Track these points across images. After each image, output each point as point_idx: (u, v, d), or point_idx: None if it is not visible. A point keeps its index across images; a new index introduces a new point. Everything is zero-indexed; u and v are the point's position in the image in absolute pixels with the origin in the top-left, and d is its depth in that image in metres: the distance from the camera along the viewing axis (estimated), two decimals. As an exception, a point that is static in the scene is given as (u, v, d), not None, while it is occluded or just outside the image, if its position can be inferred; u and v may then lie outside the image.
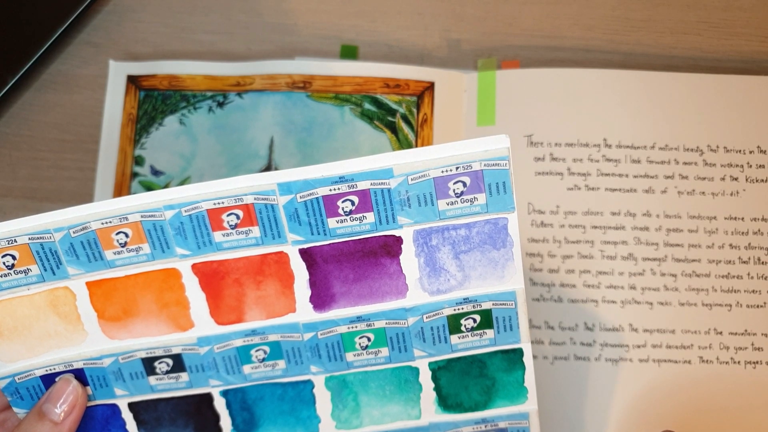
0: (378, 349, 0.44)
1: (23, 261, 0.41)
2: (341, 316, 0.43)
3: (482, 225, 0.41)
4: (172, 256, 0.42)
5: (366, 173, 0.39)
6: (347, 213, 0.40)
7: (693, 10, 0.60)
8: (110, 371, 0.44)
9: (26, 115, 0.59)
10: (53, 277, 0.42)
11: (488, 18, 0.60)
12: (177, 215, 0.41)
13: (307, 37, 0.60)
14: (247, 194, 0.40)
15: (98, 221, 0.40)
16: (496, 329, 0.43)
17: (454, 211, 0.41)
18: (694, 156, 0.56)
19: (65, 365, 0.43)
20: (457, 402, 0.45)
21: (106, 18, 0.61)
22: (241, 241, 0.41)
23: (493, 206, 0.40)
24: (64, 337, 0.43)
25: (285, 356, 0.44)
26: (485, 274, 0.42)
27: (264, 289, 0.42)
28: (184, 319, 0.43)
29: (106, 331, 0.43)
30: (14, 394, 0.44)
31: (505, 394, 0.45)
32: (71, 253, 0.41)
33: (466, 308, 0.43)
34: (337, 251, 0.42)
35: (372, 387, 0.45)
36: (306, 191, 0.40)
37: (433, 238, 0.41)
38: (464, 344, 0.44)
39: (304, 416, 0.45)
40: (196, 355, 0.44)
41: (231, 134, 0.57)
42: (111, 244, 0.41)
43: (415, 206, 0.40)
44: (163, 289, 0.42)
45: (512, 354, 0.44)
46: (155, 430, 0.45)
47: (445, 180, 0.40)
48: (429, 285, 0.42)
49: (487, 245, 0.41)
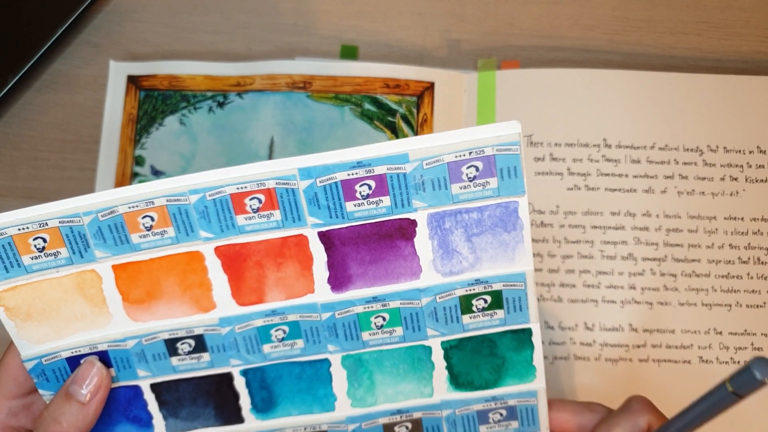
0: (393, 328, 0.45)
1: (53, 244, 0.42)
2: (358, 296, 0.44)
3: (494, 208, 0.42)
4: (195, 239, 0.43)
5: (383, 158, 0.41)
6: (364, 197, 0.42)
7: (693, 10, 0.60)
8: (133, 353, 0.45)
9: (26, 115, 0.59)
10: (81, 260, 0.43)
11: (488, 18, 0.60)
12: (201, 199, 0.42)
13: (307, 37, 0.60)
14: (269, 179, 0.41)
15: (125, 205, 0.41)
16: (506, 309, 0.44)
17: (467, 194, 0.42)
18: (694, 156, 0.56)
19: (90, 347, 0.44)
20: (468, 380, 0.46)
21: (106, 18, 0.61)
22: (262, 224, 0.42)
23: (505, 190, 0.41)
24: (89, 320, 0.44)
25: (303, 336, 0.45)
26: (496, 256, 0.43)
27: (284, 270, 0.43)
28: (206, 301, 0.44)
29: (130, 314, 0.44)
30: (41, 375, 0.44)
31: (514, 372, 0.46)
32: (99, 237, 0.42)
33: (478, 289, 0.44)
34: (355, 234, 0.43)
35: (386, 365, 0.46)
36: (325, 176, 0.41)
37: (446, 221, 0.42)
38: (475, 324, 0.45)
39: (321, 394, 0.46)
40: (217, 336, 0.45)
41: (231, 134, 0.57)
42: (137, 228, 0.42)
43: (429, 190, 0.41)
44: (186, 271, 0.43)
45: (521, 334, 0.45)
46: (176, 409, 0.46)
47: (459, 165, 0.41)
48: (442, 266, 0.43)
49: (499, 228, 0.42)
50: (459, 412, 0.46)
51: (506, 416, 0.46)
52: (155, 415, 0.46)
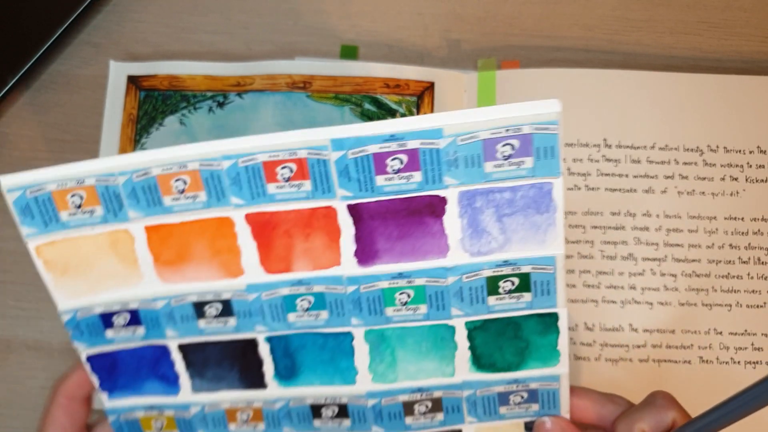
0: (417, 305, 0.45)
1: (89, 201, 0.42)
2: (383, 271, 0.44)
3: (527, 189, 0.41)
4: (226, 205, 0.43)
5: (416, 132, 0.40)
6: (395, 171, 0.41)
7: (693, 10, 0.60)
8: (163, 313, 0.45)
9: (26, 115, 0.59)
10: (115, 219, 0.43)
11: (488, 18, 0.60)
12: (234, 165, 0.42)
13: (307, 37, 0.60)
14: (302, 148, 0.41)
15: (159, 167, 0.42)
16: (533, 293, 0.44)
17: (501, 173, 0.41)
18: (694, 156, 0.56)
19: (122, 305, 0.45)
20: (491, 362, 0.46)
21: (106, 18, 0.61)
22: (293, 193, 0.42)
23: (540, 170, 0.41)
24: (122, 278, 0.44)
25: (328, 307, 0.45)
26: (527, 237, 0.42)
27: (312, 241, 0.43)
28: (234, 267, 0.44)
29: (161, 275, 0.44)
30: (76, 328, 0.45)
31: (538, 356, 0.45)
32: (133, 197, 0.42)
33: (506, 271, 0.43)
34: (384, 208, 0.42)
35: (409, 343, 0.46)
36: (357, 148, 0.41)
37: (477, 200, 0.42)
38: (501, 306, 0.44)
39: (343, 367, 0.46)
40: (244, 302, 0.45)
41: (231, 134, 0.57)
42: (170, 191, 0.42)
43: (462, 167, 0.41)
44: (216, 236, 0.43)
45: (548, 318, 0.44)
46: (202, 370, 0.47)
47: (494, 142, 0.40)
48: (470, 246, 0.43)
49: (531, 209, 0.42)
50: (480, 393, 0.46)
51: (527, 399, 0.46)
52: (182, 374, 0.47)
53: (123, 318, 0.46)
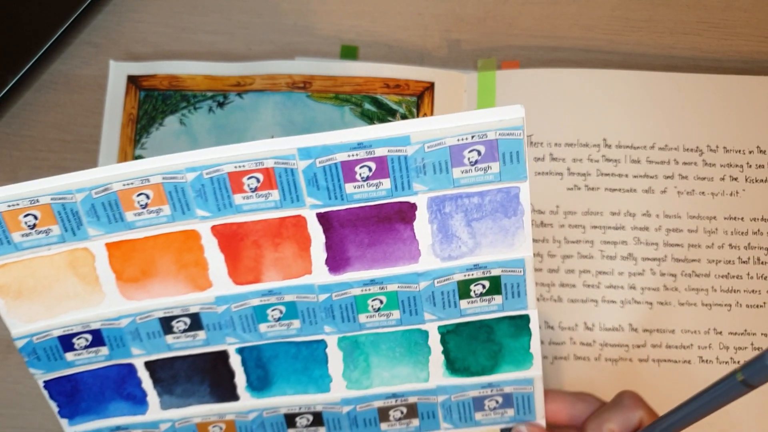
0: (390, 311, 0.45)
1: (45, 221, 0.41)
2: (355, 278, 0.44)
3: (495, 193, 0.42)
4: (192, 218, 0.42)
5: (384, 140, 0.40)
6: (364, 179, 0.41)
7: (693, 10, 0.60)
8: (127, 331, 0.45)
9: (26, 115, 0.59)
10: (73, 237, 0.42)
11: (488, 18, 0.60)
12: (198, 177, 0.41)
13: (307, 37, 0.60)
14: (268, 158, 0.41)
15: (120, 182, 0.41)
16: (504, 295, 0.44)
17: (468, 179, 0.41)
18: (694, 156, 0.56)
19: (83, 326, 0.44)
20: (465, 366, 0.46)
21: (106, 18, 0.61)
22: (260, 204, 0.42)
23: (506, 175, 0.41)
24: (82, 298, 0.43)
25: (300, 316, 0.45)
26: (496, 241, 0.43)
27: (281, 251, 0.43)
28: (202, 280, 0.44)
29: (124, 292, 0.44)
30: (31, 354, 0.44)
31: (511, 359, 0.45)
32: (92, 214, 0.41)
33: (476, 274, 0.44)
34: (354, 216, 0.42)
35: (383, 348, 0.46)
36: (325, 156, 0.41)
37: (446, 206, 0.42)
38: (473, 309, 0.45)
39: (317, 375, 0.46)
40: (213, 314, 0.44)
41: (231, 134, 0.57)
42: (132, 206, 0.41)
43: (430, 174, 0.41)
44: (182, 250, 0.43)
45: (519, 320, 0.45)
46: (171, 386, 0.46)
47: (461, 148, 0.40)
48: (441, 251, 0.43)
49: (499, 213, 0.42)
50: (455, 398, 0.46)
51: (502, 404, 0.46)
52: (149, 392, 0.46)
53: (84, 339, 0.45)
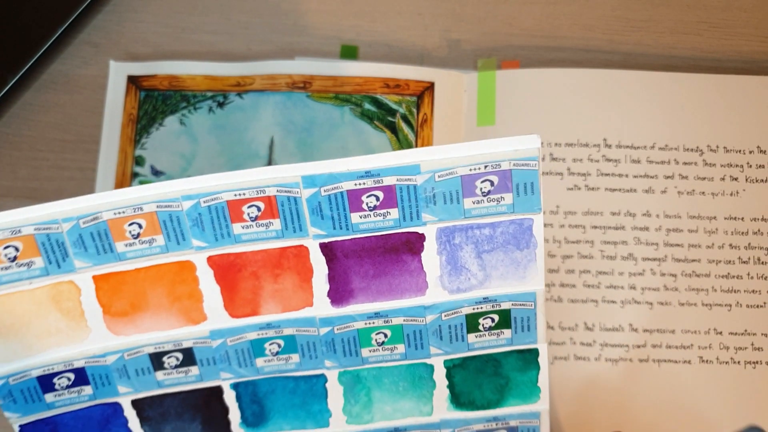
0: (394, 345, 0.43)
1: (27, 253, 0.39)
2: (359, 311, 0.42)
3: (507, 225, 0.41)
4: (187, 249, 0.40)
5: (393, 168, 0.39)
6: (371, 208, 0.40)
7: (693, 10, 0.60)
8: (114, 368, 0.42)
9: (26, 115, 0.59)
10: (58, 270, 0.40)
11: (488, 18, 0.60)
12: (195, 206, 0.39)
13: (307, 37, 0.60)
14: (270, 186, 0.39)
15: (111, 211, 0.39)
16: (513, 329, 0.43)
17: (480, 210, 0.40)
18: (694, 156, 0.56)
19: (65, 364, 0.42)
20: (470, 400, 0.45)
21: (106, 18, 0.61)
22: (260, 233, 0.40)
23: (520, 207, 0.40)
24: (65, 335, 0.41)
25: (299, 350, 0.43)
26: (506, 274, 0.42)
27: (281, 282, 0.42)
28: (196, 313, 0.42)
29: (111, 327, 0.41)
30: (7, 397, 0.42)
31: (518, 393, 0.44)
32: (79, 245, 0.39)
33: (486, 308, 0.42)
34: (359, 246, 0.41)
35: (385, 383, 0.44)
36: (330, 185, 0.39)
37: (456, 237, 0.41)
38: (481, 343, 0.43)
39: (315, 410, 0.45)
40: (207, 349, 0.43)
41: (231, 134, 0.57)
42: (123, 236, 0.39)
43: (440, 204, 0.40)
44: (175, 282, 0.41)
45: (528, 354, 0.44)
46: (160, 425, 0.44)
47: (473, 178, 0.39)
48: (449, 283, 0.42)
49: (511, 245, 0.41)
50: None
51: None
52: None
53: (66, 379, 0.42)
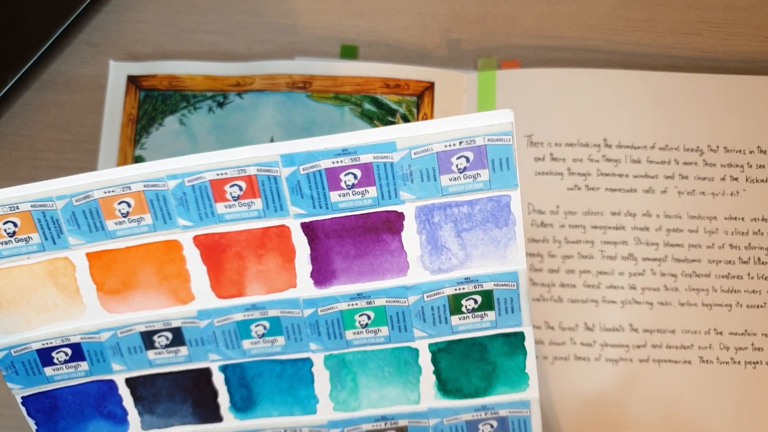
0: (378, 327, 0.43)
1: (24, 229, 0.40)
2: (342, 292, 0.42)
3: (485, 202, 0.40)
4: (173, 227, 0.41)
5: (369, 146, 0.39)
6: (350, 187, 0.40)
7: (693, 10, 0.60)
8: (108, 345, 0.43)
9: (26, 115, 0.59)
10: (54, 246, 0.41)
11: (488, 18, 0.60)
12: (180, 185, 0.40)
13: (307, 37, 0.60)
14: (250, 165, 0.40)
15: (101, 190, 0.40)
16: (497, 311, 0.43)
17: (457, 187, 0.40)
18: (694, 156, 0.56)
19: (62, 339, 0.43)
20: (457, 387, 0.44)
21: (106, 18, 0.61)
22: (243, 213, 0.41)
23: (496, 183, 0.40)
24: (62, 310, 0.42)
25: (284, 332, 0.43)
26: (487, 253, 0.41)
27: (265, 263, 0.42)
28: (184, 292, 0.42)
29: (105, 305, 0.42)
30: (9, 368, 0.43)
31: (506, 380, 0.44)
32: (73, 222, 0.40)
33: (468, 288, 0.42)
34: (339, 226, 0.41)
35: (371, 368, 0.44)
36: (309, 163, 0.39)
37: (435, 215, 0.41)
38: (465, 326, 0.43)
39: (302, 396, 0.45)
40: (196, 329, 0.43)
41: (231, 134, 0.57)
42: (113, 214, 0.40)
43: (417, 181, 0.40)
44: (163, 261, 0.42)
45: (513, 338, 0.43)
46: (153, 405, 0.45)
47: (448, 155, 0.39)
48: (430, 263, 0.42)
49: (490, 223, 0.41)
50: (447, 422, 0.45)
51: (497, 428, 0.45)
52: (130, 410, 0.45)
53: (64, 353, 0.43)
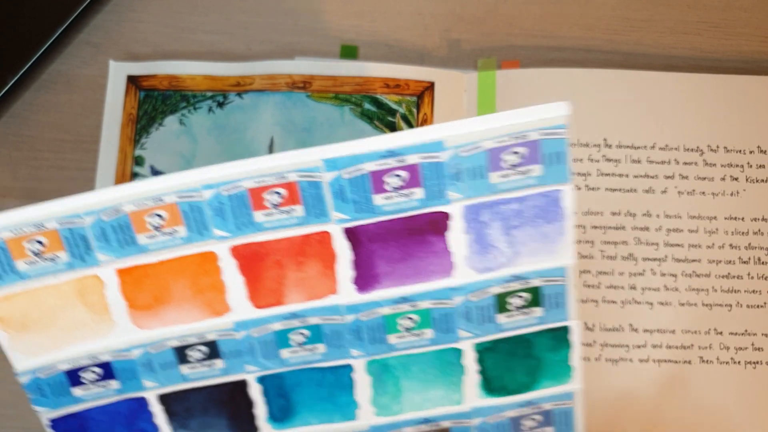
0: (422, 330, 0.42)
1: (52, 247, 0.39)
2: (385, 297, 0.41)
3: (536, 198, 0.39)
4: (209, 238, 0.39)
5: (416, 146, 0.37)
6: (395, 189, 0.38)
7: (693, 10, 0.60)
8: (139, 363, 0.42)
9: (26, 115, 0.59)
10: (82, 264, 0.39)
11: (488, 18, 0.60)
12: (216, 195, 0.38)
13: (307, 37, 0.60)
14: (291, 171, 0.38)
15: (131, 203, 0.38)
16: (544, 306, 0.41)
17: (507, 184, 0.39)
18: (694, 156, 0.56)
19: (91, 359, 0.42)
20: (502, 384, 0.43)
21: (106, 18, 0.61)
22: (283, 220, 0.39)
23: (549, 178, 0.38)
24: (90, 329, 0.41)
25: (325, 339, 0.42)
26: (536, 249, 0.40)
27: (305, 270, 0.41)
28: (219, 304, 0.41)
29: (136, 321, 0.41)
30: (36, 391, 0.42)
31: (550, 374, 0.43)
32: (102, 238, 0.39)
33: (515, 286, 0.41)
34: (383, 230, 0.40)
35: (414, 371, 0.43)
36: (353, 167, 0.38)
37: (483, 214, 0.39)
38: (511, 323, 0.42)
39: (343, 402, 0.44)
40: (232, 341, 0.42)
41: (231, 134, 0.57)
42: (144, 228, 0.39)
43: (466, 180, 0.38)
44: (198, 273, 0.40)
45: (559, 332, 0.42)
46: (186, 420, 0.44)
47: (499, 151, 0.38)
48: (477, 263, 0.40)
49: (540, 219, 0.39)
50: (491, 420, 0.44)
51: (541, 422, 0.44)
52: (163, 427, 0.44)
53: (93, 373, 0.42)
